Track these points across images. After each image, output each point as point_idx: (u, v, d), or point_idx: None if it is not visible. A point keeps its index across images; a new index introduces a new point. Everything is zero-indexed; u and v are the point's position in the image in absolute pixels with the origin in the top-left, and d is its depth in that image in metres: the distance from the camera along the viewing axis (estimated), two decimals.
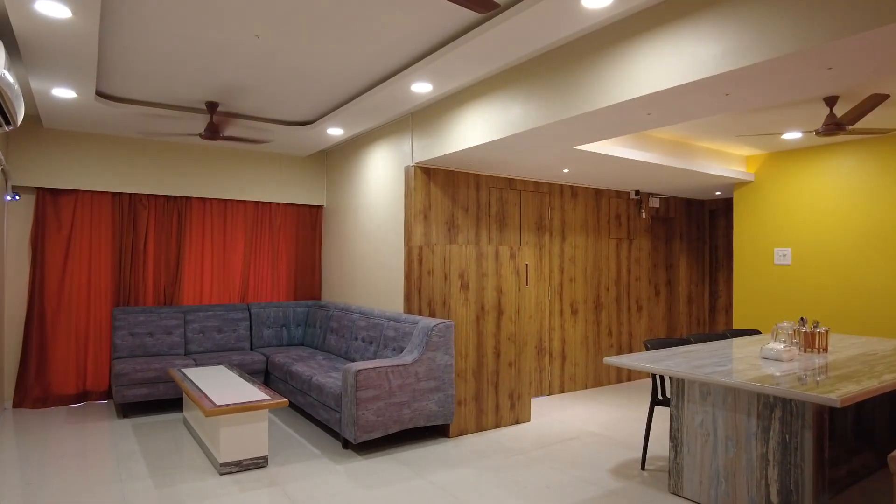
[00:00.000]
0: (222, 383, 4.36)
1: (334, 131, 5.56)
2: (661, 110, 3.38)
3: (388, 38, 3.52)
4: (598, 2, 2.81)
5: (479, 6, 2.35)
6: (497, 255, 4.86)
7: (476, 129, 4.32)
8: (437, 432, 4.71)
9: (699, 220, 7.90)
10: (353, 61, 3.93)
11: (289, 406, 5.60)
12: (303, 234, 6.95)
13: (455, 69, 3.77)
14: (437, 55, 3.57)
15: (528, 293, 5.07)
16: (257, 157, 6.58)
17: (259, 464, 3.92)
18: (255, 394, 4.04)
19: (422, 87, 4.15)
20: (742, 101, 3.19)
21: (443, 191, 5.35)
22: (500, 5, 2.31)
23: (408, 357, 4.40)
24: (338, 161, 6.69)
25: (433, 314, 4.79)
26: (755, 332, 5.06)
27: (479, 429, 4.78)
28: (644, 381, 6.97)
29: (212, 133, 4.99)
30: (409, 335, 4.66)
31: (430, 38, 3.52)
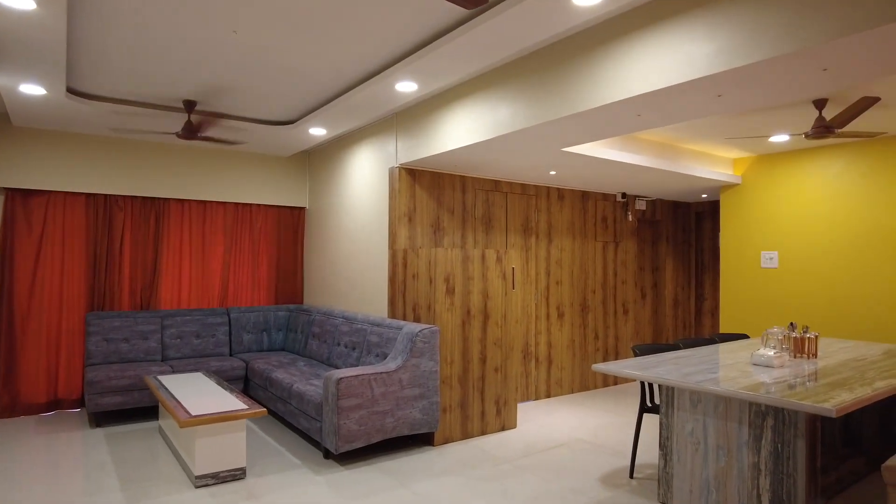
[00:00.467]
0: (199, 391, 4.21)
1: (317, 131, 5.43)
2: (651, 112, 3.30)
3: (372, 35, 3.40)
4: None
5: (467, 2, 2.25)
6: (483, 258, 4.77)
7: (462, 130, 4.22)
8: (421, 441, 4.60)
9: (685, 223, 7.87)
10: (335, 59, 3.80)
11: (269, 414, 5.45)
12: (285, 236, 6.79)
13: (441, 68, 3.66)
14: (422, 53, 3.46)
15: (515, 297, 4.98)
16: (238, 158, 6.42)
17: (236, 475, 3.78)
18: (233, 403, 3.90)
19: (406, 86, 4.04)
20: (735, 103, 3.12)
21: (428, 193, 5.24)
22: (487, 1, 2.21)
23: (391, 364, 4.28)
24: (321, 162, 6.54)
25: (418, 319, 4.68)
26: (743, 336, 5.01)
27: (465, 436, 4.67)
28: (631, 385, 6.91)
29: (189, 132, 4.83)
30: (392, 341, 4.54)
31: (416, 36, 3.41)
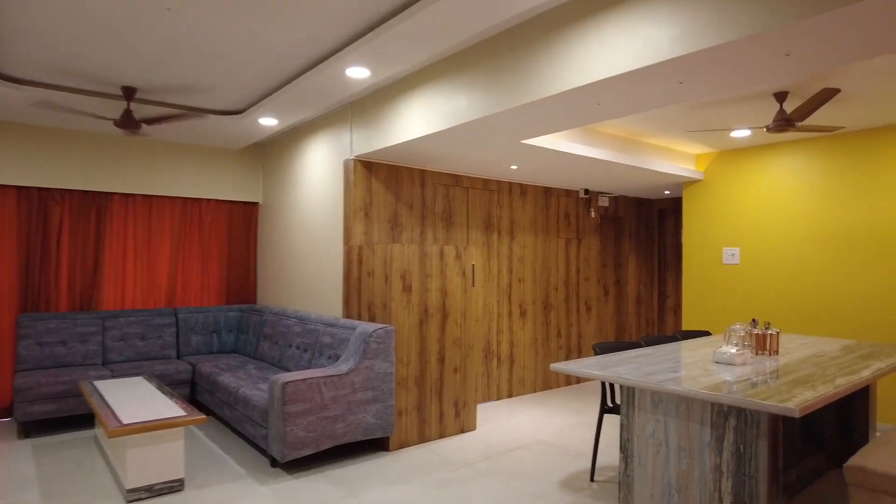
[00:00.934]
0: (137, 397, 3.92)
1: (267, 121, 5.16)
2: (611, 99, 3.17)
3: (320, 16, 3.18)
4: None
5: None
6: (442, 254, 4.58)
7: (419, 120, 4.03)
8: (375, 446, 4.39)
9: (648, 220, 7.84)
10: (281, 42, 3.57)
11: (217, 420, 5.16)
12: (236, 232, 6.49)
13: (393, 52, 3.47)
14: (372, 35, 3.26)
15: (475, 295, 4.82)
16: (187, 150, 6.09)
17: (174, 487, 3.51)
18: (171, 409, 3.63)
19: (358, 71, 3.82)
20: (697, 91, 3.01)
21: (385, 186, 5.03)
22: None
23: (343, 366, 4.07)
24: (275, 154, 6.26)
25: (373, 318, 4.47)
26: (705, 333, 4.95)
27: (422, 440, 4.48)
28: (595, 383, 6.82)
29: (128, 123, 4.51)
30: (346, 342, 4.33)
31: (367, 18, 3.20)
